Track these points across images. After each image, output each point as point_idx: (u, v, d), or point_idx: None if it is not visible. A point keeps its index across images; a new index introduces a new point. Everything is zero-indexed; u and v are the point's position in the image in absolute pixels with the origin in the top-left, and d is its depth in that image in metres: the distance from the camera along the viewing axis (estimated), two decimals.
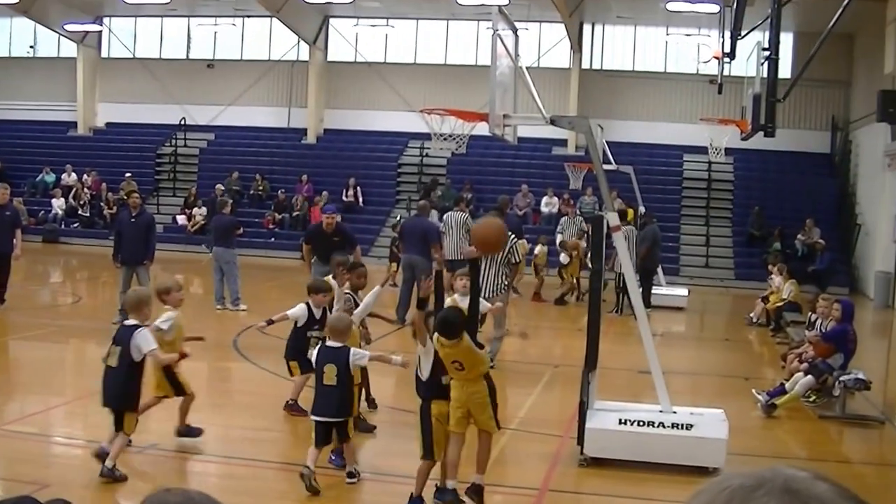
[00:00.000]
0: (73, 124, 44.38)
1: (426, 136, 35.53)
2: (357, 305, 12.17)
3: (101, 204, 38.96)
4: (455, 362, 8.97)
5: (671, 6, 34.16)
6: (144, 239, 19.51)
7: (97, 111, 44.63)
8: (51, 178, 41.07)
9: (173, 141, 42.41)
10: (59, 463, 10.89)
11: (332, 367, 9.74)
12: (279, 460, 10.93)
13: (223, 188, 37.27)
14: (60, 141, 43.56)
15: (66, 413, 13.09)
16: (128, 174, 38.97)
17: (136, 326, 9.86)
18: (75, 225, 39.07)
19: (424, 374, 9.20)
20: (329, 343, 9.99)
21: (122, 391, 9.84)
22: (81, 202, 39.35)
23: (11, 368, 16.51)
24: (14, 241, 20.53)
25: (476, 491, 9.31)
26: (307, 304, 12.52)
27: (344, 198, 37.06)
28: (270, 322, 12.24)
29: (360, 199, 38.46)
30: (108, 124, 44.49)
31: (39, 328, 19.30)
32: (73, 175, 40.65)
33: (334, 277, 13.59)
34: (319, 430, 9.74)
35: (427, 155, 39.15)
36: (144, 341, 9.75)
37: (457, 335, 8.83)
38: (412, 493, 9.16)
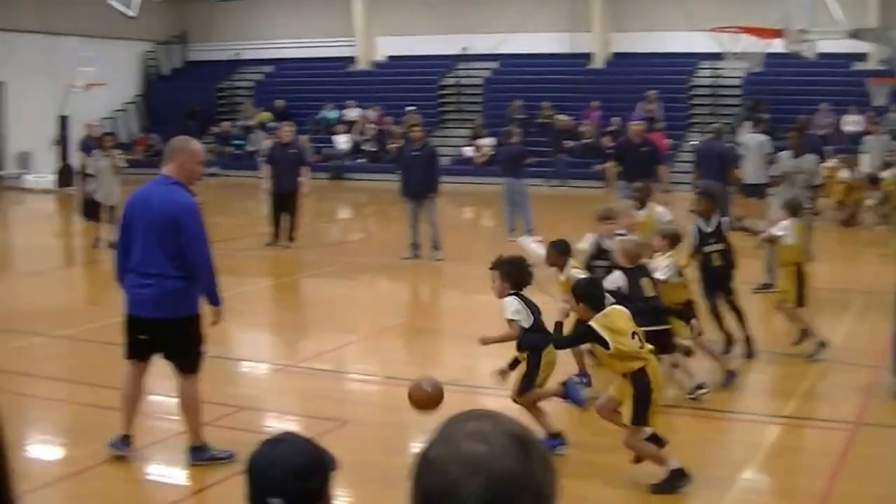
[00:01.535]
0: (352, 59, 44.31)
1: (718, 57, 33.84)
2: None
3: (386, 139, 38.83)
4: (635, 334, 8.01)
5: None
6: (428, 172, 19.23)
7: (376, 45, 44.46)
8: (333, 114, 41.21)
9: (455, 72, 41.84)
10: (354, 400, 11.02)
11: (648, 281, 10.12)
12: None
13: (546, 113, 37.08)
14: (340, 77, 43.62)
15: (360, 349, 13.21)
16: (410, 107, 38.63)
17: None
18: (361, 160, 39.09)
19: None
20: (628, 266, 10.21)
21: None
22: (366, 137, 39.29)
23: (305, 306, 16.95)
24: (300, 179, 20.74)
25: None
26: (598, 235, 11.65)
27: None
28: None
29: (660, 113, 36.35)
30: (389, 58, 44.30)
31: (330, 265, 19.65)
32: (357, 110, 40.74)
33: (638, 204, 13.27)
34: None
35: (720, 76, 37.16)
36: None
37: None
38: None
